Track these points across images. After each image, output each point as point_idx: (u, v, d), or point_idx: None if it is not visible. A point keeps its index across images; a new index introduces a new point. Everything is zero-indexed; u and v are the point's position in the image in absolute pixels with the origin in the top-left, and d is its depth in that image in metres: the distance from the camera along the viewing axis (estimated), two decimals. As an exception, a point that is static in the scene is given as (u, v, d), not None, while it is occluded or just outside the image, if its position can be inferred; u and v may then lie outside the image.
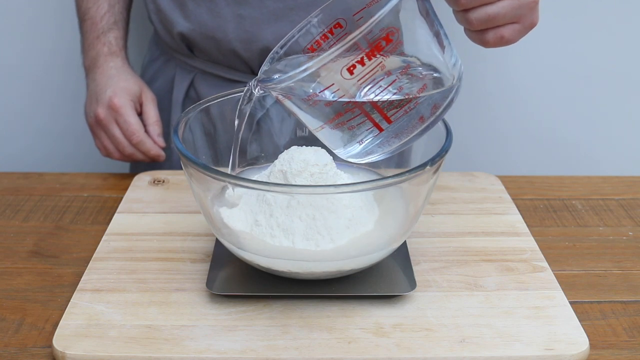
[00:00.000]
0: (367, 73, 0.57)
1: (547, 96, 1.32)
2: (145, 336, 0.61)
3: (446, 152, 0.63)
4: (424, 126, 0.62)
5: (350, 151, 0.64)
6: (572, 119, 1.33)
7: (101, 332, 0.62)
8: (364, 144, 0.63)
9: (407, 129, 0.62)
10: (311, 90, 0.58)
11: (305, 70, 0.55)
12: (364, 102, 0.59)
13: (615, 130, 1.34)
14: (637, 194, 0.90)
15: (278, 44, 0.68)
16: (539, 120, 1.33)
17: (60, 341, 0.60)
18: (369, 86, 0.58)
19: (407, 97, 0.59)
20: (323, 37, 0.68)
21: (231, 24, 0.94)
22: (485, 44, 0.66)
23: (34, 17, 1.26)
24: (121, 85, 0.98)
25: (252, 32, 0.94)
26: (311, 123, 0.63)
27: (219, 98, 0.73)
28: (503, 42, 0.65)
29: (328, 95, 0.58)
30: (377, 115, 0.60)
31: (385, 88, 0.58)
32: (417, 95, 0.59)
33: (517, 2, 0.63)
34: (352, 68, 0.57)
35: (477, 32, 0.65)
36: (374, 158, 0.65)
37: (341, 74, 0.57)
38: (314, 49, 0.68)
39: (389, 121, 0.60)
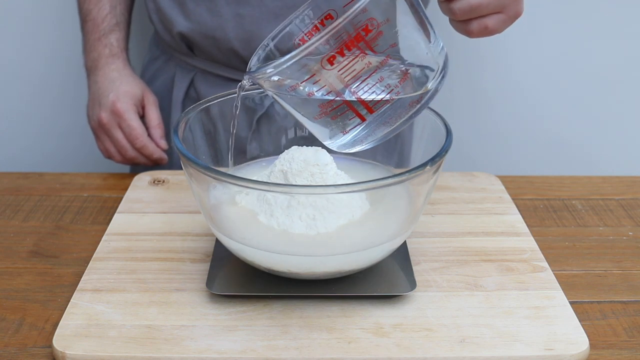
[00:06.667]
0: (348, 63, 0.57)
1: (547, 96, 1.32)
2: (145, 336, 0.61)
3: (446, 152, 0.63)
4: (411, 113, 0.62)
5: (340, 141, 0.64)
6: (572, 119, 1.33)
7: (101, 332, 0.61)
8: (350, 134, 0.62)
9: (393, 117, 0.62)
10: (295, 82, 0.58)
11: (288, 59, 0.55)
12: (344, 92, 0.59)
13: (615, 130, 1.34)
14: (637, 194, 0.90)
15: (269, 36, 0.68)
16: (539, 120, 1.33)
17: (60, 341, 0.60)
18: (350, 75, 0.58)
19: (388, 87, 0.59)
20: (314, 29, 0.68)
21: (231, 23, 0.94)
22: (470, 34, 0.66)
23: (34, 17, 1.26)
24: (123, 89, 0.98)
25: (251, 31, 0.94)
26: (299, 116, 0.63)
27: (219, 98, 0.73)
28: (487, 32, 0.65)
29: (309, 85, 0.58)
30: (359, 105, 0.60)
31: (367, 78, 0.58)
32: (399, 84, 0.59)
33: None
34: (332, 59, 0.57)
35: (461, 22, 0.65)
36: (364, 146, 0.64)
37: (322, 64, 0.57)
38: (305, 42, 0.68)
39: (370, 110, 0.60)
